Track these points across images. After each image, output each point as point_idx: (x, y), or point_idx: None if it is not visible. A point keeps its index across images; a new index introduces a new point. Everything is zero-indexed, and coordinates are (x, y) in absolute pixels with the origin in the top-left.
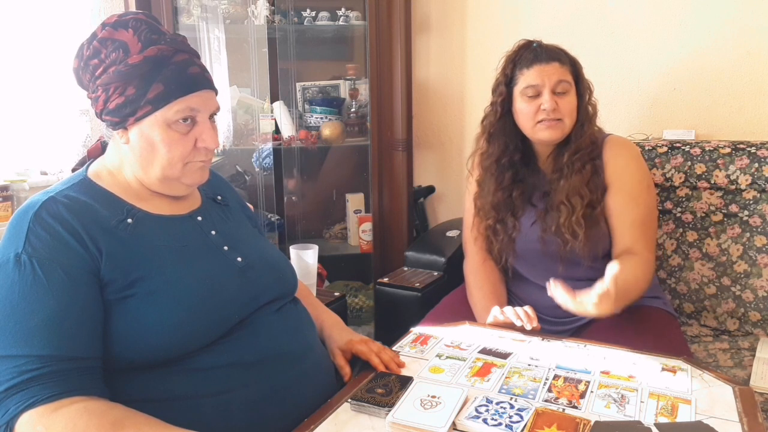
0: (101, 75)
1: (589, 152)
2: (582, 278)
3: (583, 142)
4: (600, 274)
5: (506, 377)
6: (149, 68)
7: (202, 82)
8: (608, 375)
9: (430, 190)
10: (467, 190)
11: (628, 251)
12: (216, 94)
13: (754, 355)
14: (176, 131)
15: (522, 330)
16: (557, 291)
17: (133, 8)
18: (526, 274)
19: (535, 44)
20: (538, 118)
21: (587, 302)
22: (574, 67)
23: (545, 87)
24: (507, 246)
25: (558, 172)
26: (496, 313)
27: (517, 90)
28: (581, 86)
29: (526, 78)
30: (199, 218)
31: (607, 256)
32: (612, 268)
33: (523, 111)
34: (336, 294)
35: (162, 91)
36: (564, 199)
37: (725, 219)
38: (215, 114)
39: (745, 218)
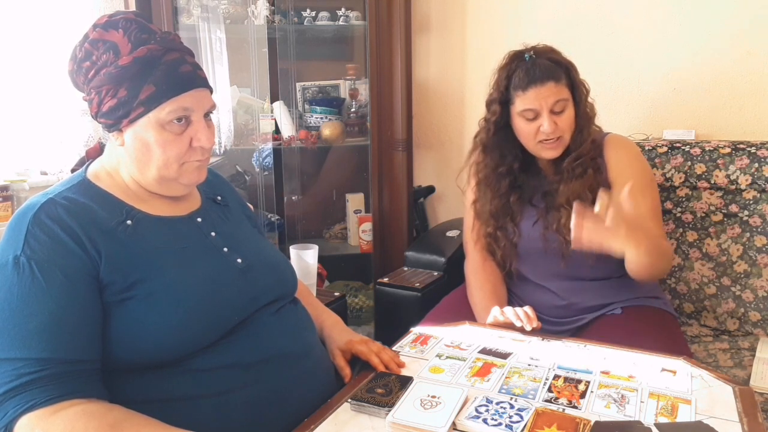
0: (93, 77)
1: (591, 155)
2: (585, 277)
3: (584, 148)
4: (603, 273)
5: (506, 377)
6: (139, 69)
7: (195, 80)
8: (608, 375)
9: (430, 190)
10: (465, 195)
11: None
12: (211, 92)
13: (754, 355)
14: (170, 132)
15: (522, 330)
16: (578, 233)
17: (133, 8)
18: (528, 274)
19: (527, 56)
20: (539, 139)
21: (615, 231)
22: (569, 77)
23: (543, 109)
24: (510, 251)
25: (559, 176)
26: (496, 313)
27: (515, 110)
28: (577, 94)
29: (523, 101)
30: (199, 219)
31: (611, 255)
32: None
33: (523, 132)
34: (336, 294)
35: (153, 91)
36: (564, 202)
37: (725, 219)
38: (211, 112)
39: (745, 218)
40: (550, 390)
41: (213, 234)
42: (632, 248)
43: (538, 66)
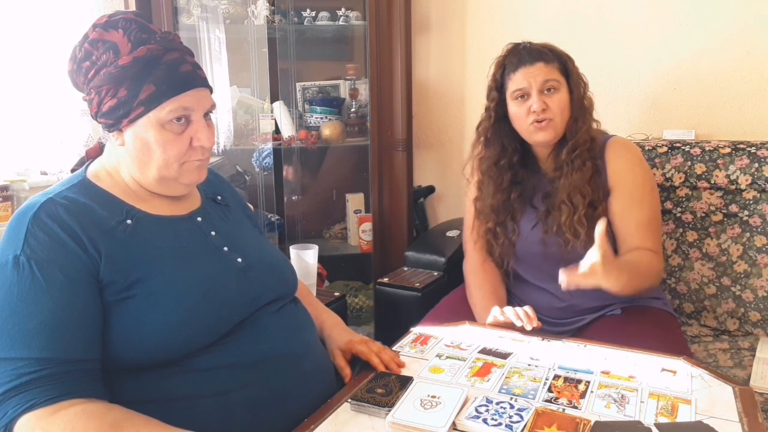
0: (93, 77)
1: (589, 149)
2: None
3: (580, 138)
4: None
5: (506, 377)
6: (139, 69)
7: (195, 80)
8: (608, 375)
9: (430, 190)
10: (467, 191)
11: (636, 249)
12: (211, 91)
13: (754, 355)
14: (170, 131)
15: (522, 330)
16: (565, 281)
17: (133, 8)
18: (527, 276)
19: (521, 46)
20: (530, 120)
21: (593, 274)
22: (562, 63)
23: (532, 88)
24: (508, 250)
25: (558, 171)
26: (496, 313)
27: (508, 94)
28: (572, 82)
29: (514, 82)
30: (199, 219)
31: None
32: (598, 228)
33: (516, 114)
34: (336, 294)
35: (154, 91)
36: (565, 198)
37: (725, 219)
38: (210, 112)
39: (745, 218)
40: (550, 390)
41: (213, 233)
42: (611, 287)
43: (528, 50)
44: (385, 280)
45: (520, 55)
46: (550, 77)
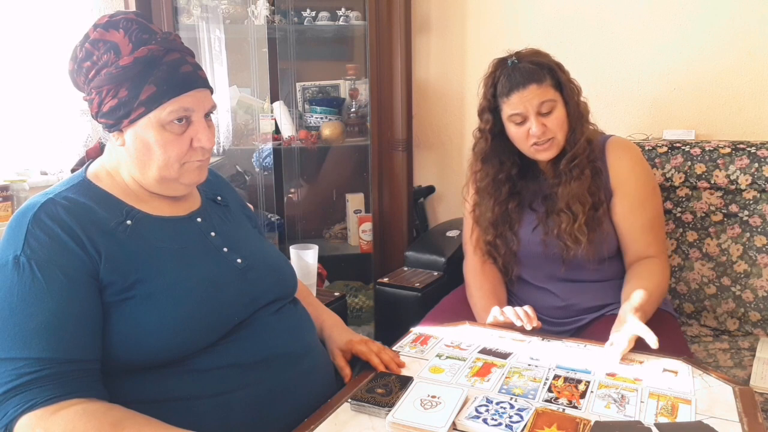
0: (94, 77)
1: (588, 155)
2: (585, 279)
3: (579, 147)
4: (604, 275)
5: (506, 377)
6: (140, 69)
7: (196, 80)
8: (614, 377)
9: (430, 190)
10: (465, 201)
11: (644, 256)
12: (211, 92)
13: (754, 355)
14: (171, 132)
15: (522, 330)
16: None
17: (133, 8)
18: (528, 277)
19: (509, 63)
20: (531, 142)
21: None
22: (554, 77)
23: (529, 112)
24: (510, 259)
25: (557, 178)
26: (496, 313)
27: (504, 116)
28: (566, 93)
29: (509, 106)
30: (199, 219)
31: (613, 258)
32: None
33: (515, 135)
34: (336, 294)
35: (154, 92)
36: (564, 206)
37: (725, 219)
38: (211, 112)
39: (745, 218)
40: (550, 390)
41: (213, 234)
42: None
43: (518, 70)
44: (385, 280)
45: (510, 75)
46: (545, 98)
